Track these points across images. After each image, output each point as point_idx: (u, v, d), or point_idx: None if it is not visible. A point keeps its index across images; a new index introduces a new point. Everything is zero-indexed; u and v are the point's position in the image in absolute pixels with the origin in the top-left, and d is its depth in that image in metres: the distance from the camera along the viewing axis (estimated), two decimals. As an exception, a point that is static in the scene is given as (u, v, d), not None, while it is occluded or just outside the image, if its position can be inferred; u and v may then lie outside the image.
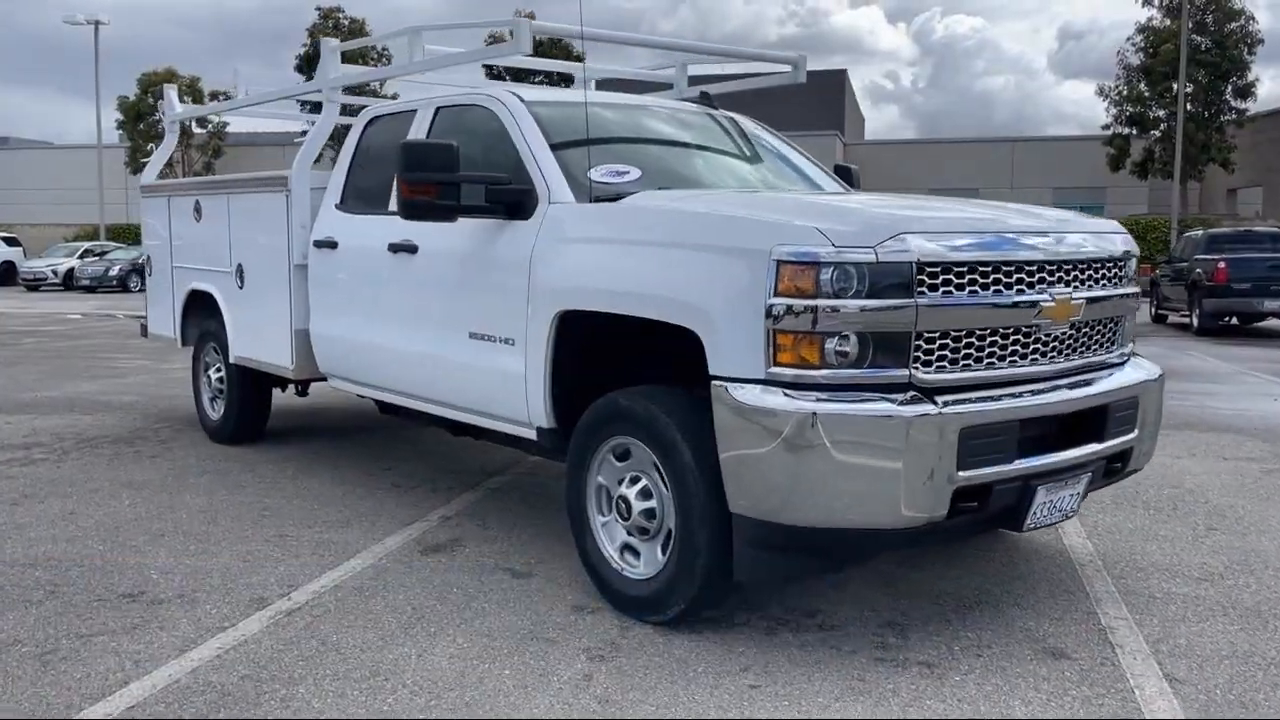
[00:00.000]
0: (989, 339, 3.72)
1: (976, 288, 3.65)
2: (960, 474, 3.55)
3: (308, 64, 41.77)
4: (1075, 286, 3.95)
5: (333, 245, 5.96)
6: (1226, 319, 18.26)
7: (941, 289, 3.57)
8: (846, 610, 4.22)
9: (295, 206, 6.23)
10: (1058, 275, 3.90)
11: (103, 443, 7.55)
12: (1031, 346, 3.85)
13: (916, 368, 3.55)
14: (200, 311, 7.60)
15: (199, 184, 7.36)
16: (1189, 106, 36.06)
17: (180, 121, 8.56)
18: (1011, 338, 3.78)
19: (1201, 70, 37.45)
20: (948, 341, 3.61)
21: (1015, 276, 3.76)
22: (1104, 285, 4.12)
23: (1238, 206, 43.62)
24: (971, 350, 3.68)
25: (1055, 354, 3.94)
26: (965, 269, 3.63)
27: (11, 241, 39.96)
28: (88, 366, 12.21)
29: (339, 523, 5.50)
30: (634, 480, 4.10)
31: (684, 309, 3.78)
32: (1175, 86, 35.72)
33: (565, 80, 7.90)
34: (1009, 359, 3.79)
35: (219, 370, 7.42)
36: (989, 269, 3.69)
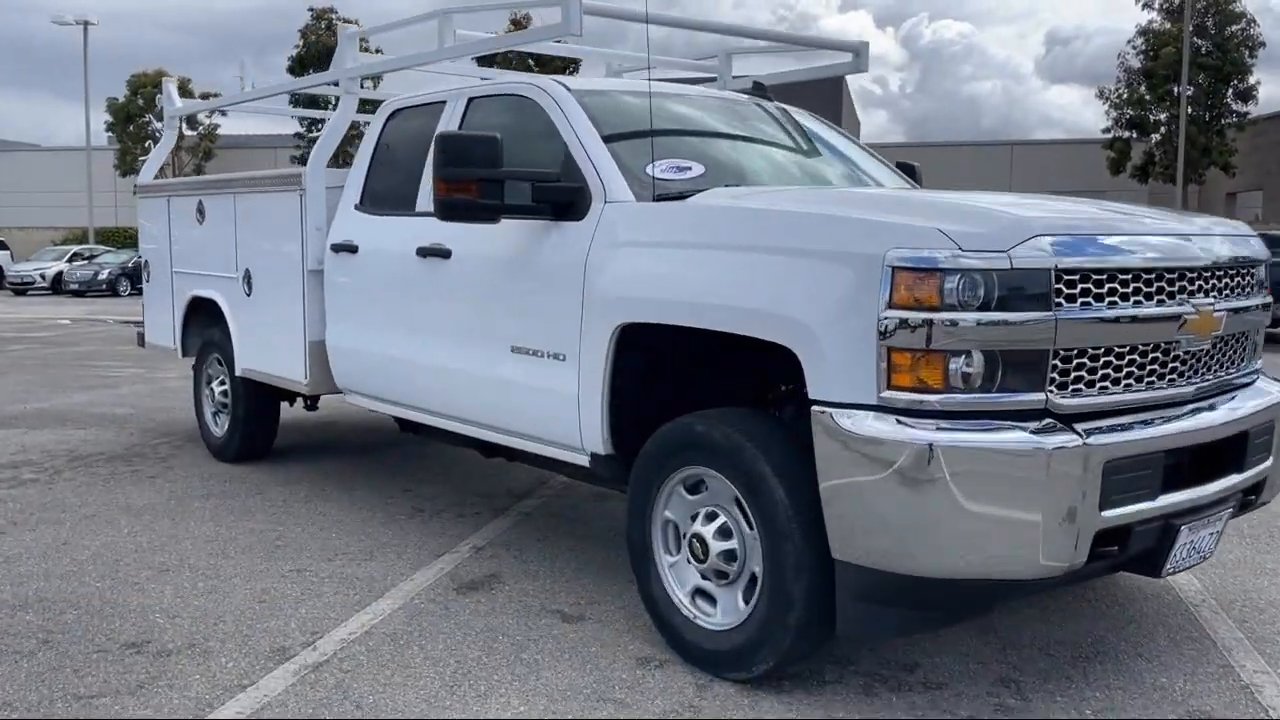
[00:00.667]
0: (1128, 357, 3.23)
1: (1116, 298, 3.17)
2: (1103, 514, 3.07)
3: (300, 66, 41.17)
4: (1216, 296, 3.48)
5: (352, 249, 5.45)
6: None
7: (1080, 300, 3.09)
8: (949, 663, 3.73)
9: (310, 207, 5.73)
10: (1198, 284, 3.42)
11: (97, 461, 7.02)
12: (1170, 365, 3.37)
13: (1052, 391, 3.06)
14: (203, 320, 7.09)
15: (202, 183, 6.84)
16: (1189, 110, 35.70)
17: (181, 117, 8.04)
18: (1150, 355, 3.30)
19: (1202, 73, 37.12)
20: (1084, 360, 3.13)
21: (1155, 285, 3.28)
22: (1243, 294, 3.64)
23: (1237, 210, 43.31)
24: (1109, 370, 3.20)
25: (1193, 373, 3.46)
26: (1105, 277, 3.15)
27: (-2, 245, 39.27)
28: (79, 375, 11.66)
29: (361, 554, 4.99)
30: (710, 517, 3.61)
31: (778, 323, 3.28)
32: (1176, 89, 35.39)
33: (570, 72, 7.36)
34: (1147, 380, 3.30)
35: (223, 383, 6.90)
36: (1129, 277, 3.21)
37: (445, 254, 4.77)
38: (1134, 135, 39.22)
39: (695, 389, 4.06)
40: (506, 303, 4.45)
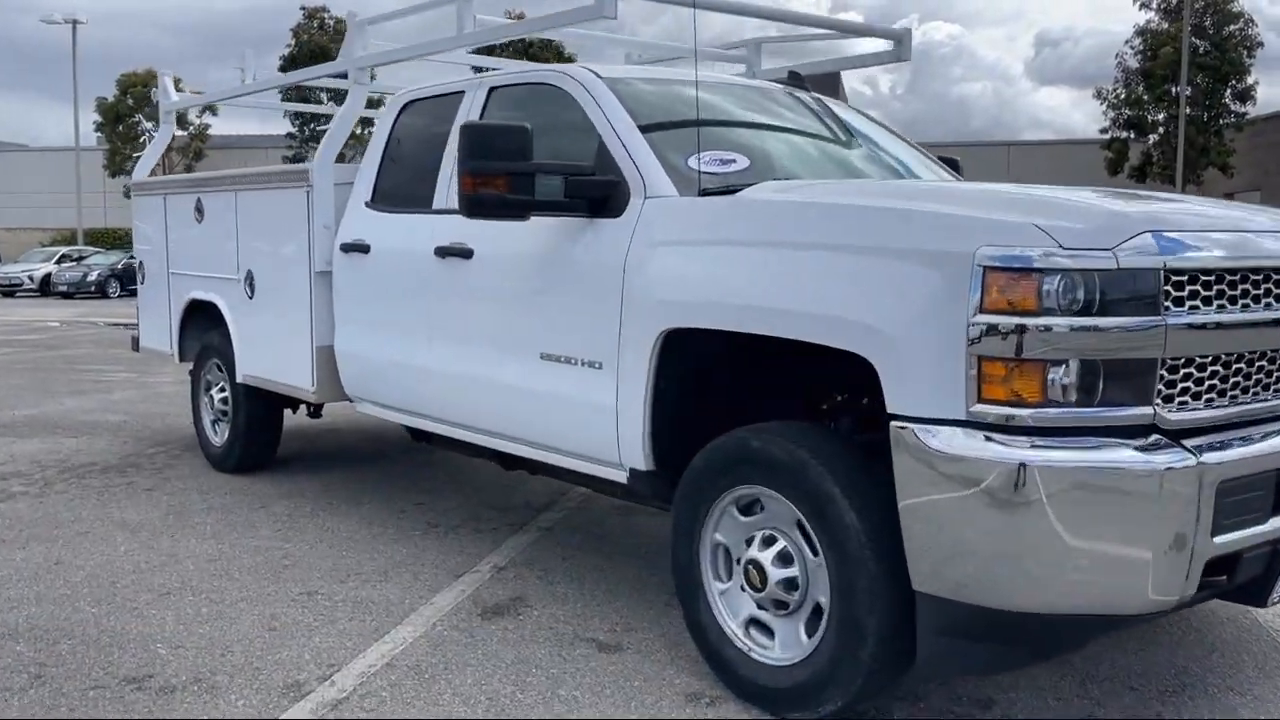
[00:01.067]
0: (1235, 366, 2.93)
1: (1225, 301, 2.87)
2: (1215, 540, 2.77)
3: (292, 65, 40.78)
4: (1324, 299, 3.17)
5: (363, 249, 5.13)
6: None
7: (1188, 303, 2.79)
8: (1026, 699, 3.42)
9: (318, 204, 5.40)
10: (1307, 285, 3.12)
11: (91, 472, 6.68)
12: (1276, 374, 3.07)
13: (1159, 404, 2.76)
14: (201, 324, 6.75)
15: (201, 180, 6.51)
16: (1188, 110, 35.53)
17: (178, 112, 7.70)
18: (1257, 364, 3.00)
19: (1201, 73, 36.96)
20: (1191, 371, 2.83)
21: (1263, 288, 2.98)
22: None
23: (1234, 211, 43.14)
24: (1216, 381, 2.90)
25: (1296, 383, 3.16)
26: (1213, 278, 2.85)
27: (-14, 246, 38.83)
28: (70, 380, 11.30)
29: (375, 575, 4.67)
30: (767, 541, 3.30)
31: (851, 329, 2.97)
32: (1174, 89, 35.23)
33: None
34: (1254, 390, 3.01)
35: (223, 390, 6.56)
36: (1237, 278, 2.91)
37: (467, 254, 4.45)
38: (1131, 136, 39.06)
39: (741, 399, 3.76)
40: (535, 306, 4.14)
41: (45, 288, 33.48)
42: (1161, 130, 38.15)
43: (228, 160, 43.28)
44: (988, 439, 2.72)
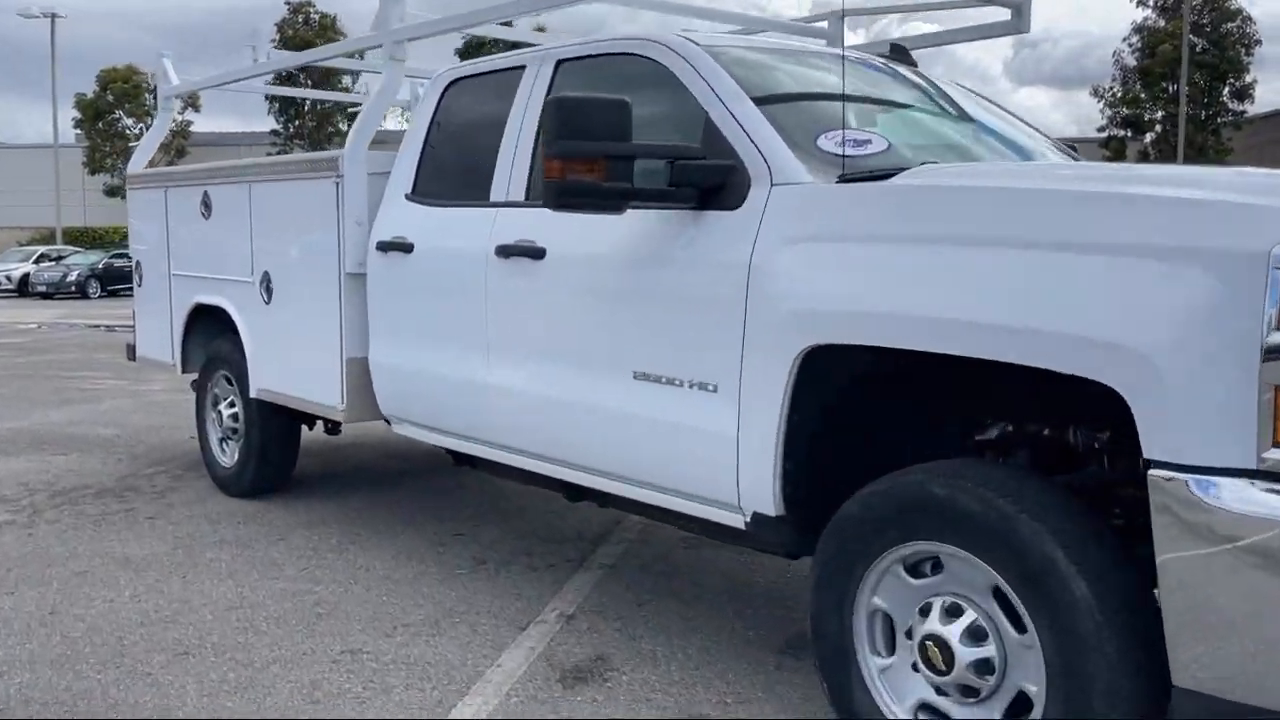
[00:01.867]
0: None
1: None
2: None
3: (278, 59, 39.95)
4: None
5: (405, 248, 4.47)
6: None
7: None
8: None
9: (349, 196, 4.74)
10: None
11: (84, 496, 5.99)
12: None
13: None
14: (208, 331, 6.07)
15: (209, 171, 5.82)
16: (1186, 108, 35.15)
17: (178, 97, 7.00)
18: None
19: (1199, 71, 36.60)
20: None
21: None
22: None
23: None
24: None
25: None
26: None
27: (-38, 245, 37.83)
28: (55, 388, 10.56)
29: (425, 626, 4.02)
30: (951, 612, 2.65)
31: (1088, 350, 2.33)
32: (1172, 87, 34.85)
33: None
34: None
35: (233, 405, 5.89)
36: None
37: (537, 253, 3.80)
38: (1129, 134, 38.68)
39: (887, 430, 3.13)
40: (627, 317, 3.49)
41: (23, 288, 32.55)
42: (1159, 128, 37.77)
43: (210, 158, 42.33)
44: (1286, 496, 2.10)
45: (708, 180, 3.24)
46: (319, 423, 5.71)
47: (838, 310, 2.84)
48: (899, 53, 4.50)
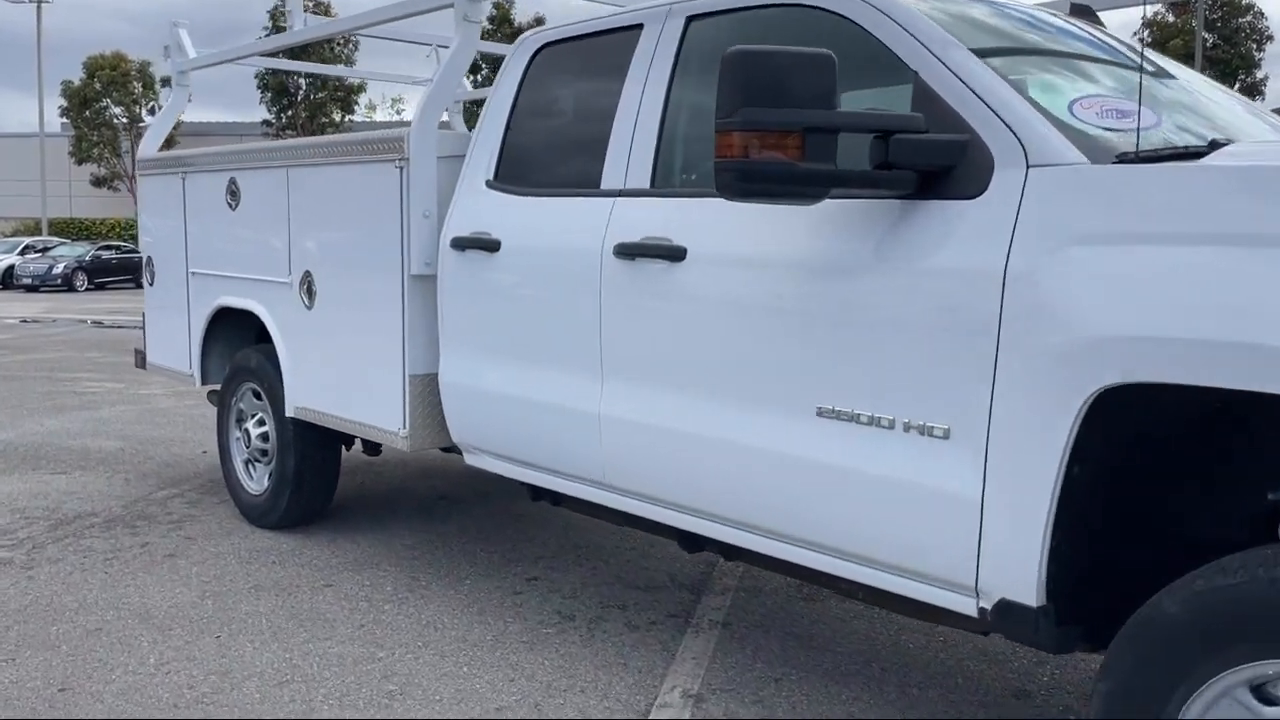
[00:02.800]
0: None
1: None
2: None
3: (270, 49, 39.06)
4: None
5: (489, 246, 3.71)
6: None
7: None
8: None
9: (415, 184, 3.97)
10: None
11: (90, 527, 5.21)
12: None
13: None
14: (233, 338, 5.31)
15: (237, 154, 5.04)
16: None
17: (187, 72, 6.21)
18: None
19: (1211, 67, 36.06)
20: None
21: None
22: None
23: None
24: None
25: None
26: None
27: (-55, 236, 36.83)
28: (48, 392, 9.74)
29: (524, 708, 3.27)
30: (1337, 758, 1.92)
31: None
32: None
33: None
34: None
35: (262, 424, 5.12)
36: None
37: (676, 254, 3.05)
38: (1139, 130, 38.19)
39: (1171, 495, 2.39)
40: (810, 336, 2.73)
41: (8, 280, 31.61)
42: (1169, 125, 37.30)
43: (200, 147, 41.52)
44: None
45: (933, 160, 2.49)
46: (356, 441, 4.96)
47: (1158, 337, 2.09)
48: (1084, 11, 3.75)
